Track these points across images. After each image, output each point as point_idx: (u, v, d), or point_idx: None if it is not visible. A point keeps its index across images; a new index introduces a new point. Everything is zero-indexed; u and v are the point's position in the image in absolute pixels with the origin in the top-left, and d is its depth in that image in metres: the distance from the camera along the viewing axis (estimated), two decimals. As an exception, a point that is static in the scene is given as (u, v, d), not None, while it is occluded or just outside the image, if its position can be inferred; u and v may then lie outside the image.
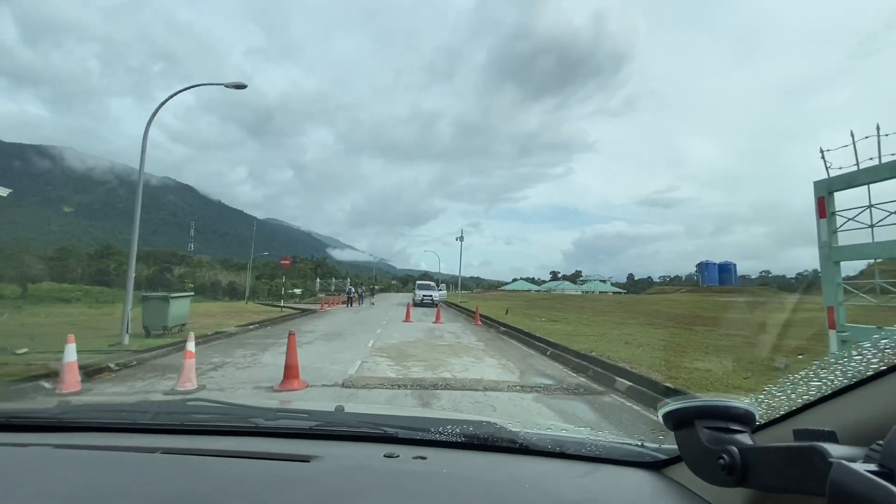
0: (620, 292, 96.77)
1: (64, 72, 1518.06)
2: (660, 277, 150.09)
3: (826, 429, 0.55)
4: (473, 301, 35.09)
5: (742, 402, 0.71)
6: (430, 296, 29.92)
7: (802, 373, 0.70)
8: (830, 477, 0.46)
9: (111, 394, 6.04)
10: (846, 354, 0.64)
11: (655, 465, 1.00)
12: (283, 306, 26.62)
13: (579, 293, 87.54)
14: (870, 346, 0.62)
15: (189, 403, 1.38)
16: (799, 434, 0.56)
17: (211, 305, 30.34)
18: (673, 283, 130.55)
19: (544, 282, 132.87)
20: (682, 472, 0.89)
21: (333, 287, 63.62)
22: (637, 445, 1.08)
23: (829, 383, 0.64)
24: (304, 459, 0.98)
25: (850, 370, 0.62)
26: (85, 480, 0.89)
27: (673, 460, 0.97)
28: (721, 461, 0.62)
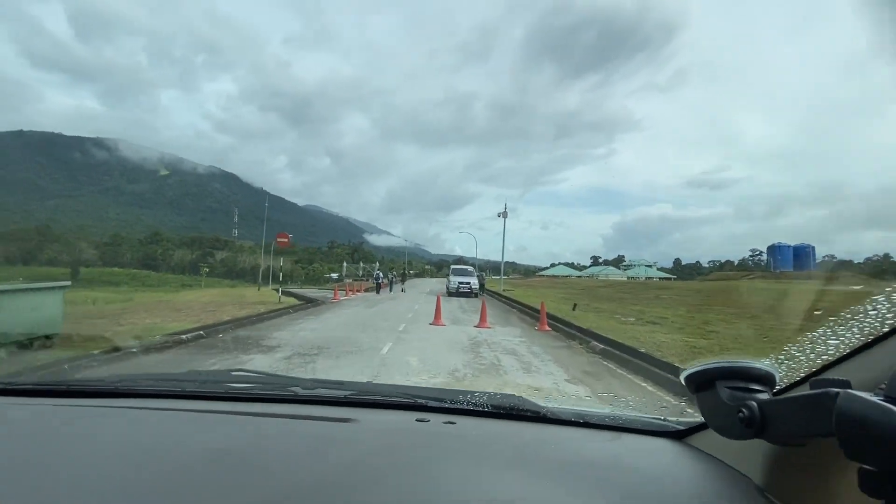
0: (669, 278, 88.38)
1: (115, 66, 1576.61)
2: (708, 262, 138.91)
3: (841, 378, 0.56)
4: (518, 289, 29.49)
5: (763, 363, 0.72)
6: (468, 283, 24.20)
7: (820, 331, 0.70)
8: (837, 405, 0.47)
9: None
10: (862, 310, 0.64)
11: (677, 434, 1.03)
12: (289, 292, 21.29)
13: (625, 279, 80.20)
14: (884, 300, 0.62)
15: (233, 374, 1.44)
16: (815, 384, 0.58)
17: (214, 292, 26.18)
18: (724, 268, 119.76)
19: (584, 267, 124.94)
20: (702, 439, 0.94)
21: (361, 272, 58.54)
22: (659, 419, 1.13)
23: (847, 341, 0.64)
24: (343, 420, 1.06)
25: (866, 326, 0.63)
26: (143, 435, 0.97)
27: (694, 429, 1.00)
28: (740, 414, 0.64)
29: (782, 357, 0.74)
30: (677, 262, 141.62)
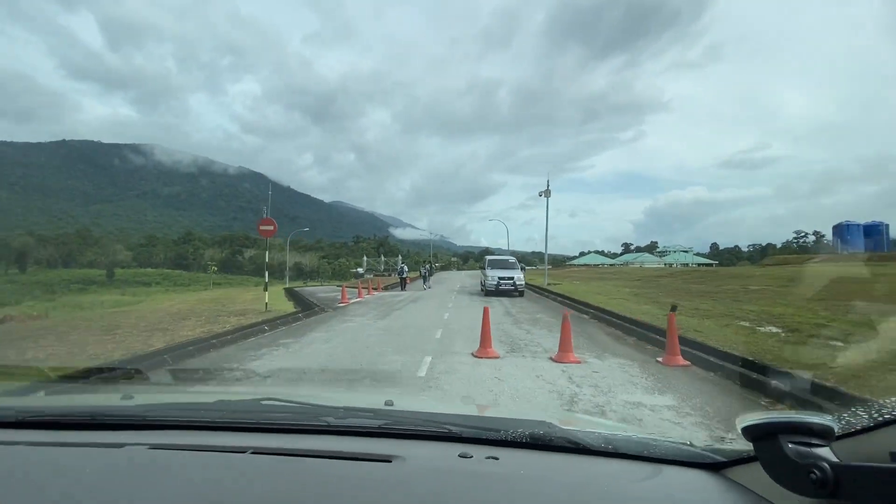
0: (710, 264, 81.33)
1: (146, 72, 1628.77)
2: (748, 246, 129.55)
3: None
4: (563, 282, 24.80)
5: (825, 417, 0.72)
6: (511, 279, 17.80)
7: (892, 399, 0.70)
8: None
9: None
10: None
11: (714, 467, 0.99)
12: (294, 292, 17.58)
13: (662, 265, 73.88)
14: None
15: (264, 403, 1.37)
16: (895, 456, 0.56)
17: (208, 295, 22.40)
18: (767, 251, 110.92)
19: (616, 255, 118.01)
20: (745, 474, 0.90)
21: (383, 266, 54.04)
22: (688, 444, 1.08)
23: None
24: (385, 459, 0.98)
25: None
26: (185, 482, 0.90)
27: (733, 462, 0.96)
28: (812, 475, 0.63)
29: (846, 415, 0.73)
30: (714, 246, 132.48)
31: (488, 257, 21.76)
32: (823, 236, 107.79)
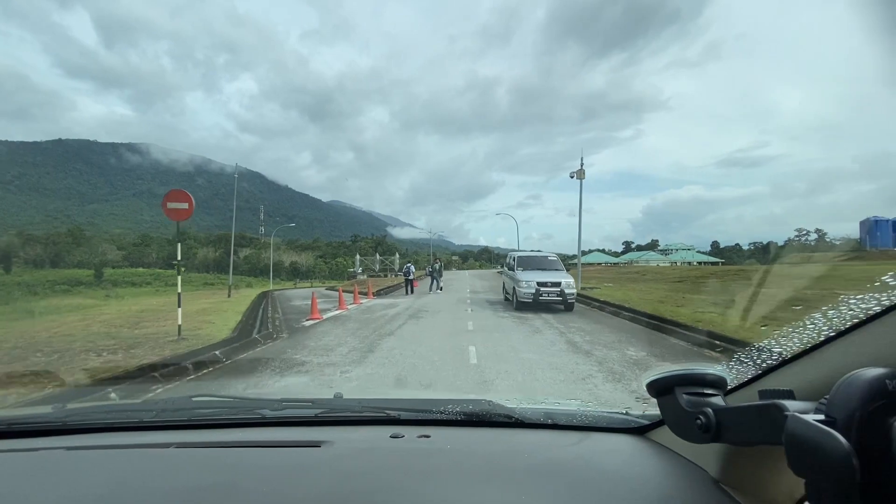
0: (716, 262, 77.96)
1: (141, 71, 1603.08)
2: (749, 244, 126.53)
3: (784, 388, 0.61)
4: (601, 287, 21.06)
5: (715, 368, 0.77)
6: (557, 286, 12.38)
7: (766, 341, 0.77)
8: (786, 427, 0.51)
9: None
10: (802, 325, 0.70)
11: (640, 430, 1.06)
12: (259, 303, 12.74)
13: (668, 264, 70.40)
14: (819, 317, 0.68)
15: (195, 399, 1.31)
16: (762, 394, 0.62)
17: (156, 301, 18.07)
18: (769, 249, 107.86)
19: (617, 253, 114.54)
20: (663, 434, 0.96)
21: (378, 266, 47.21)
22: (622, 413, 1.13)
23: (789, 349, 0.71)
24: (314, 445, 0.98)
25: (805, 337, 0.68)
26: (102, 480, 0.86)
27: (654, 425, 1.03)
28: (698, 421, 0.68)
29: (733, 363, 0.79)
30: (715, 244, 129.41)
31: (517, 254, 15.48)
32: (826, 234, 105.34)
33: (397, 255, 47.93)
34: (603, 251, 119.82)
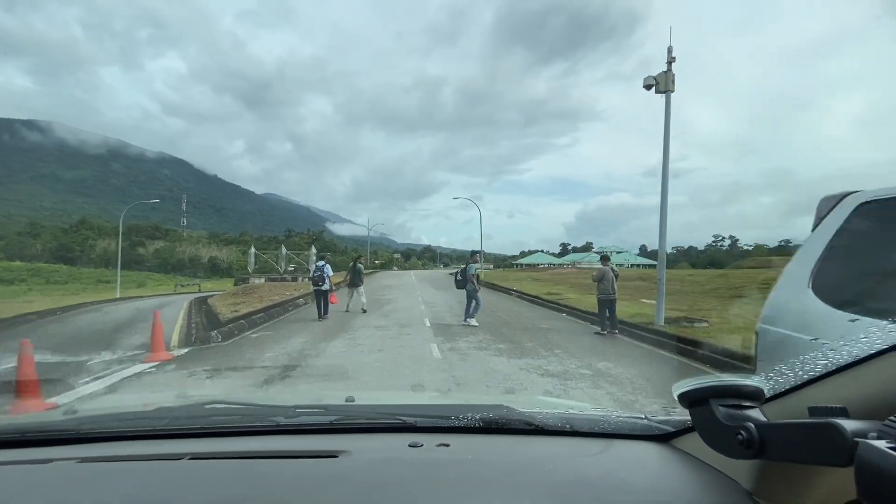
0: (654, 265, 79.63)
1: (47, 39, 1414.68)
2: (673, 248, 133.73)
3: (837, 405, 0.56)
4: (526, 283, 17.02)
5: (753, 379, 0.72)
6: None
7: (812, 354, 0.70)
8: (857, 456, 0.48)
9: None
10: (854, 338, 0.65)
11: (663, 438, 1.00)
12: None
13: (614, 266, 70.11)
14: (876, 329, 0.64)
15: (207, 406, 1.26)
16: (814, 411, 0.58)
17: None
18: (689, 253, 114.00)
19: (554, 254, 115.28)
20: (689, 442, 0.91)
21: (283, 265, 32.38)
22: (642, 418, 1.08)
23: (836, 362, 0.65)
24: (332, 455, 0.93)
25: (855, 350, 0.63)
26: (117, 495, 0.82)
27: (680, 432, 0.97)
28: (739, 437, 0.64)
29: (772, 374, 0.73)
30: (643, 248, 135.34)
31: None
32: (738, 240, 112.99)
33: (313, 250, 31.66)
34: (540, 252, 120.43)
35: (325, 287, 10.75)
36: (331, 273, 10.97)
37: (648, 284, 17.42)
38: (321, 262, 11.24)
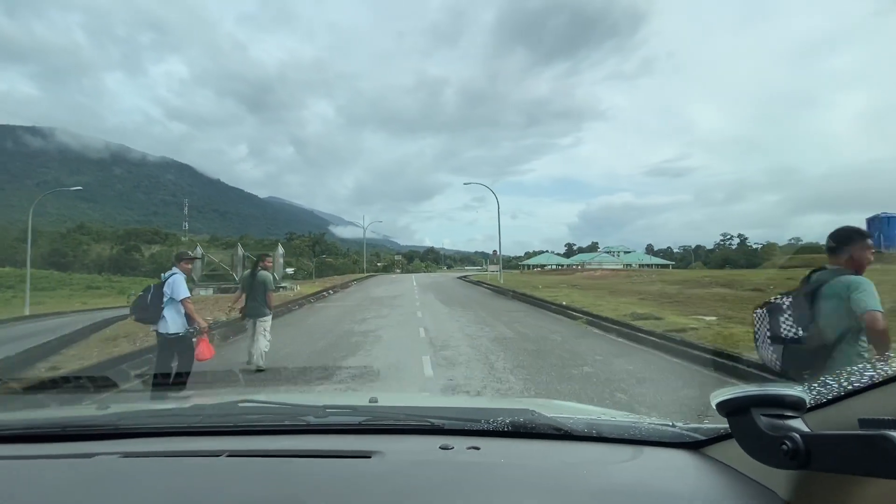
0: (667, 265, 76.72)
1: (49, 45, 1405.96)
2: (679, 248, 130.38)
3: (889, 417, 0.55)
4: (574, 294, 13.88)
5: (795, 389, 0.71)
6: None
7: (860, 365, 0.69)
8: None
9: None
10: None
11: (695, 446, 0.97)
12: None
13: (620, 266, 67.42)
14: None
15: (241, 405, 1.28)
16: (864, 423, 0.56)
17: None
18: (697, 252, 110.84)
19: (559, 255, 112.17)
20: (723, 451, 0.88)
21: (241, 268, 22.23)
22: (671, 426, 1.06)
23: (884, 373, 0.63)
24: (364, 455, 0.93)
25: None
26: (159, 489, 0.85)
27: (712, 440, 0.94)
28: (784, 447, 0.62)
29: (815, 385, 0.71)
30: (649, 247, 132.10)
31: None
32: (746, 238, 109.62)
33: (280, 250, 25.50)
34: (548, 252, 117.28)
35: (177, 331, 4.75)
36: (184, 294, 4.78)
37: (735, 293, 13.87)
38: (171, 273, 4.85)
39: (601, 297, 14.88)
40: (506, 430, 1.05)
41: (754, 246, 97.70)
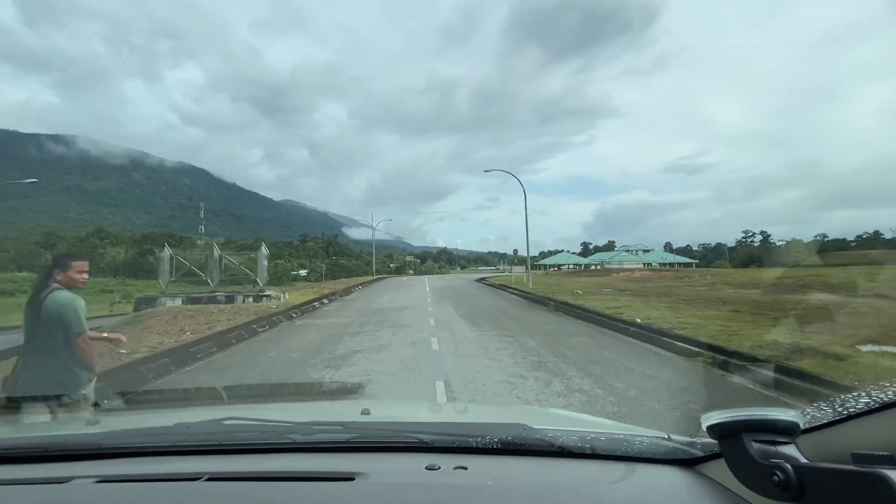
0: (690, 263, 73.85)
1: (70, 54, 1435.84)
2: (699, 246, 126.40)
3: (883, 452, 0.54)
4: (621, 301, 11.95)
5: (788, 414, 0.69)
6: None
7: (856, 393, 0.67)
8: None
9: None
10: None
11: (690, 463, 0.94)
12: None
13: (641, 265, 64.96)
14: None
15: (225, 423, 1.28)
16: (857, 458, 0.55)
17: None
18: (717, 250, 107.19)
19: (575, 254, 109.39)
20: (718, 469, 0.85)
21: (217, 272, 18.67)
22: (665, 439, 1.05)
23: (879, 400, 0.61)
24: (348, 478, 0.91)
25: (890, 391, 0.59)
26: None
27: (708, 457, 0.91)
28: (775, 478, 0.60)
29: (809, 410, 0.70)
30: (668, 245, 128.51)
31: None
32: (769, 236, 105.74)
33: (264, 250, 19.04)
34: (564, 251, 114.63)
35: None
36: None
37: (873, 302, 10.84)
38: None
39: (675, 307, 11.52)
40: (495, 447, 1.01)
41: (778, 243, 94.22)
